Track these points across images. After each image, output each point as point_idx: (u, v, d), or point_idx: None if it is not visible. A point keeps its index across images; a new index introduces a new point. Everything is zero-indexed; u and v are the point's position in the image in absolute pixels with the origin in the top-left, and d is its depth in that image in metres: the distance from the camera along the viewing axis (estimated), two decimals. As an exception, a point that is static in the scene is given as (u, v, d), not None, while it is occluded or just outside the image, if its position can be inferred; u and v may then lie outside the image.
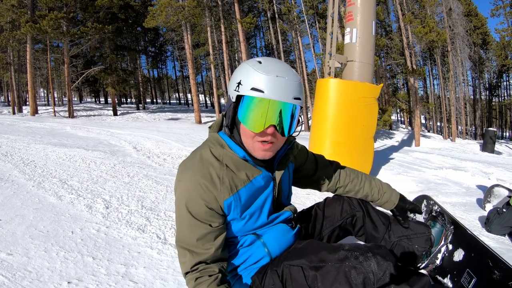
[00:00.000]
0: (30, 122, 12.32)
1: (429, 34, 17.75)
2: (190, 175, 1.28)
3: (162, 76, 48.92)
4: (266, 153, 1.27)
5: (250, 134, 1.24)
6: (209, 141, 1.36)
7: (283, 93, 1.17)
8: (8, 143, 6.55)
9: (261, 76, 1.17)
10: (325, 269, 1.27)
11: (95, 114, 24.24)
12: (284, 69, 1.21)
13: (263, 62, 1.22)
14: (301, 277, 1.30)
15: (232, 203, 1.29)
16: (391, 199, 1.74)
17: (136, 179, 4.23)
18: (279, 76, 1.17)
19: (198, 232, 1.27)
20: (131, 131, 10.12)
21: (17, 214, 2.86)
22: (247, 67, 1.22)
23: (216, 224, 1.29)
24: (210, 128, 1.40)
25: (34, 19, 20.20)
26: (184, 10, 19.86)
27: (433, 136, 24.88)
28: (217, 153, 1.31)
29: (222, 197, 1.27)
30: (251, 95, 1.18)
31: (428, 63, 30.46)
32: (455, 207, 3.44)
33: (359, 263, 1.24)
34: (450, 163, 6.69)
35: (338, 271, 1.24)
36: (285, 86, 1.17)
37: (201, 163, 1.30)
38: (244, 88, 1.19)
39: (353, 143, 4.45)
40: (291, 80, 1.19)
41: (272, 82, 1.16)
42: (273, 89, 1.16)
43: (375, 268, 1.23)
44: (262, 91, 1.16)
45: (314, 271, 1.28)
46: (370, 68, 4.73)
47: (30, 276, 1.92)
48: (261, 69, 1.19)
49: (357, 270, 1.23)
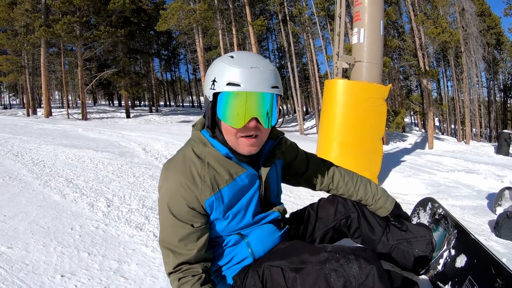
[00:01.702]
0: (44, 124, 12.50)
1: (442, 34, 17.53)
2: (171, 175, 1.26)
3: (175, 79, 49.46)
4: (251, 148, 1.24)
5: (232, 131, 1.20)
6: (192, 139, 1.34)
7: (260, 83, 1.14)
8: (20, 144, 6.66)
9: (235, 70, 1.14)
10: (305, 271, 1.21)
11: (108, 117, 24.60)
12: (257, 59, 1.18)
13: (235, 56, 1.19)
14: (281, 278, 1.26)
15: (214, 202, 1.26)
16: (385, 206, 1.67)
17: (141, 179, 4.24)
18: (254, 67, 1.14)
19: (180, 232, 1.25)
20: (142, 133, 10.16)
21: (21, 211, 2.91)
22: (219, 63, 1.19)
23: (198, 224, 1.26)
24: (194, 127, 1.38)
25: (47, 23, 20.66)
26: (196, 13, 20.04)
27: (446, 138, 24.54)
28: (199, 151, 1.29)
29: (203, 196, 1.24)
30: (227, 91, 1.15)
31: (442, 65, 30.11)
32: (464, 211, 3.34)
33: (340, 266, 1.17)
34: (463, 165, 6.54)
35: (318, 273, 1.19)
36: (261, 76, 1.14)
37: (183, 162, 1.27)
38: (220, 85, 1.16)
39: (361, 144, 4.39)
40: (266, 69, 1.16)
41: (247, 74, 1.13)
42: (249, 80, 1.13)
43: (357, 271, 1.16)
44: (239, 84, 1.13)
45: (294, 273, 1.23)
46: (379, 68, 4.66)
47: (27, 269, 1.97)
48: (234, 63, 1.16)
49: (338, 273, 1.16)
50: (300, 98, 24.38)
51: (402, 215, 1.72)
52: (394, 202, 1.70)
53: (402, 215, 1.72)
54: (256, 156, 1.34)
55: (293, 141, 1.62)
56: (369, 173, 4.21)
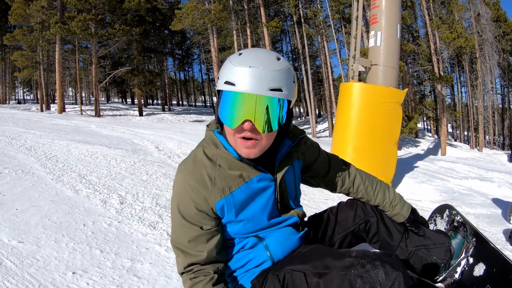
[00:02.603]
0: (57, 120, 12.62)
1: (457, 39, 17.31)
2: (182, 176, 1.25)
3: (188, 78, 49.71)
4: (249, 151, 1.17)
5: (230, 131, 1.17)
6: (204, 140, 1.32)
7: (255, 84, 1.07)
8: (34, 139, 6.72)
9: (233, 68, 1.10)
10: (329, 277, 1.18)
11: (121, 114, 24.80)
12: (263, 58, 1.11)
13: (243, 54, 1.13)
14: (304, 283, 1.22)
15: (224, 205, 1.23)
16: (401, 213, 1.63)
17: (154, 177, 4.24)
18: (253, 66, 1.07)
19: (189, 233, 1.23)
20: (155, 131, 10.17)
21: (33, 205, 2.90)
22: (226, 61, 1.16)
23: (208, 226, 1.24)
24: (208, 127, 1.35)
25: (63, 20, 20.96)
26: (210, 13, 20.12)
27: (459, 145, 24.23)
28: (210, 153, 1.26)
29: (213, 199, 1.22)
30: (224, 89, 1.12)
31: (456, 70, 29.73)
32: (479, 219, 3.27)
33: (366, 272, 1.13)
34: (476, 173, 6.42)
35: (342, 279, 1.15)
36: (259, 77, 1.07)
37: (193, 164, 1.26)
38: (220, 83, 1.13)
39: (376, 149, 4.33)
40: (268, 69, 1.08)
41: (243, 74, 1.08)
42: (243, 81, 1.07)
43: (383, 278, 1.12)
44: (233, 83, 1.09)
45: (317, 278, 1.19)
46: (395, 72, 4.60)
47: (37, 264, 1.95)
48: (236, 61, 1.11)
49: (363, 279, 1.12)
50: (313, 101, 24.29)
51: (419, 220, 1.68)
52: (410, 208, 1.66)
53: (419, 220, 1.68)
54: (272, 158, 1.30)
55: (315, 141, 1.57)
56: (383, 178, 4.10)
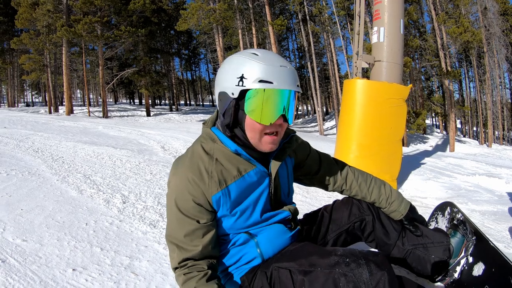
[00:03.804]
0: (65, 121, 12.77)
1: (464, 34, 17.06)
2: (179, 170, 1.27)
3: (195, 78, 49.84)
4: (273, 145, 1.25)
5: (259, 128, 1.20)
6: (201, 136, 1.35)
7: (290, 82, 1.17)
8: (41, 140, 6.81)
9: (267, 67, 1.15)
10: (313, 274, 1.18)
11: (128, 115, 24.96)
12: (281, 58, 1.22)
13: (260, 54, 1.19)
14: (289, 281, 1.24)
15: (221, 198, 1.25)
16: (399, 210, 1.62)
17: (158, 177, 4.27)
18: (282, 65, 1.17)
19: (185, 228, 1.24)
20: (162, 131, 10.25)
21: (38, 205, 2.97)
22: (246, 60, 1.18)
23: (204, 220, 1.25)
24: (204, 124, 1.38)
25: (69, 23, 21.16)
26: (215, 13, 20.14)
27: (468, 141, 23.95)
28: (207, 147, 1.29)
29: (210, 192, 1.23)
30: (260, 88, 1.14)
31: (464, 65, 29.38)
32: (484, 216, 3.22)
33: (350, 271, 1.13)
34: (484, 169, 6.34)
35: (327, 277, 1.15)
36: (289, 75, 1.17)
37: (191, 158, 1.28)
38: (250, 81, 1.15)
39: (380, 145, 4.29)
40: (291, 68, 1.19)
41: (278, 72, 1.16)
42: (280, 79, 1.15)
43: (367, 277, 1.11)
44: (272, 82, 1.14)
45: (302, 276, 1.20)
46: (399, 68, 4.56)
47: (39, 262, 2.01)
48: (263, 60, 1.16)
49: (347, 278, 1.12)
50: (320, 98, 24.22)
51: (417, 219, 1.67)
52: (409, 206, 1.65)
53: (417, 219, 1.67)
54: (265, 154, 1.32)
55: (305, 140, 1.59)
56: (388, 175, 4.13)
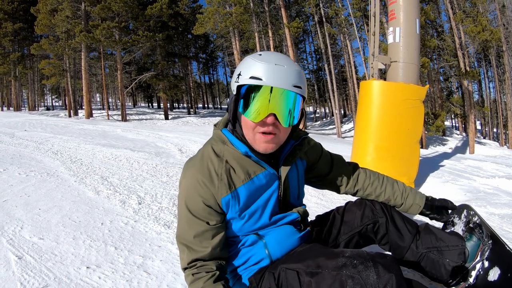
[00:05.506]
0: (84, 125, 13.02)
1: (482, 33, 16.62)
2: (189, 172, 1.28)
3: (213, 81, 50.21)
4: (268, 145, 1.24)
5: (251, 125, 1.21)
6: (212, 138, 1.36)
7: (282, 80, 1.16)
8: (60, 143, 6.97)
9: (259, 65, 1.17)
10: (320, 276, 1.17)
11: (147, 118, 25.26)
12: (284, 59, 1.21)
13: (263, 54, 1.22)
14: (296, 282, 1.22)
15: (230, 200, 1.26)
16: (416, 202, 1.60)
17: (174, 179, 4.31)
18: (278, 64, 1.17)
19: (195, 229, 1.26)
20: (179, 134, 10.34)
21: (56, 205, 3.05)
22: (247, 59, 1.23)
23: (213, 222, 1.27)
24: (215, 126, 1.39)
25: (87, 29, 21.61)
26: (232, 16, 20.23)
27: (488, 143, 23.28)
28: (218, 149, 1.31)
29: (219, 194, 1.25)
30: (250, 83, 1.17)
31: (483, 65, 28.65)
32: (503, 220, 3.12)
33: (357, 273, 1.12)
34: (504, 171, 6.17)
35: (334, 279, 1.14)
36: (284, 74, 1.17)
37: (201, 160, 1.30)
38: (243, 78, 1.19)
39: (397, 148, 4.23)
40: (291, 68, 1.18)
41: (270, 70, 1.16)
42: (271, 76, 1.15)
43: (374, 279, 1.10)
44: (261, 78, 1.15)
45: (309, 277, 1.19)
46: (415, 68, 4.49)
47: (55, 259, 2.07)
48: (260, 59, 1.19)
49: (355, 280, 1.11)
50: (338, 101, 24.02)
51: (438, 204, 1.66)
52: (425, 197, 1.64)
53: (438, 204, 1.66)
54: (276, 156, 1.33)
55: (317, 142, 1.58)
56: (406, 177, 4.06)
